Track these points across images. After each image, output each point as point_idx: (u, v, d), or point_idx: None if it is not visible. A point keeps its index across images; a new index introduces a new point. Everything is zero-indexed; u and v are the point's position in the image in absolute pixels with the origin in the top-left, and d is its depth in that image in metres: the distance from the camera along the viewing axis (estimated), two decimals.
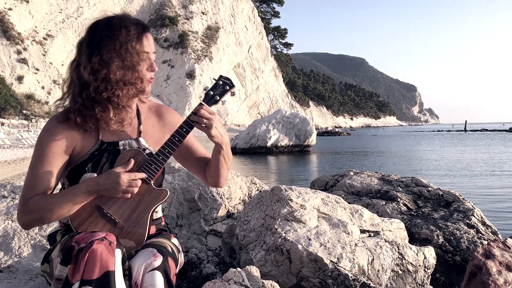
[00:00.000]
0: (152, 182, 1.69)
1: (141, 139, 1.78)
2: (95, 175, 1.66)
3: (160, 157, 1.67)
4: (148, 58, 1.72)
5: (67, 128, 1.68)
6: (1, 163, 18.35)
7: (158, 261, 1.55)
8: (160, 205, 1.87)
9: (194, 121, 1.65)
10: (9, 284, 2.55)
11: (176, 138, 1.68)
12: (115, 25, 1.65)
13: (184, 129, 1.67)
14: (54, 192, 1.69)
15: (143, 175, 1.64)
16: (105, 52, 1.62)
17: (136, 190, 1.62)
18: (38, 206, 1.61)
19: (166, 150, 1.67)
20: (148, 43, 1.71)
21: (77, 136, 1.69)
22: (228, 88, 1.70)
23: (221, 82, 1.70)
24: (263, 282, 2.26)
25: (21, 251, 3.08)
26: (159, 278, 1.52)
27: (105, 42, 1.62)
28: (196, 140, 1.94)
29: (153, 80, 1.78)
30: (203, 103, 1.68)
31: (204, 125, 1.64)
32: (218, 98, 1.69)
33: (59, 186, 1.80)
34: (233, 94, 1.74)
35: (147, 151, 1.73)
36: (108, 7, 78.09)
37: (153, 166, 1.67)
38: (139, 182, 1.63)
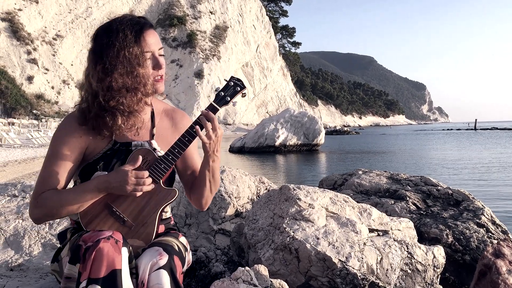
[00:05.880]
0: (161, 181, 1.70)
1: (153, 141, 1.80)
2: (106, 173, 1.68)
3: (170, 157, 1.68)
4: (153, 57, 1.72)
5: (82, 127, 1.71)
6: (12, 162, 18.50)
7: (164, 259, 1.56)
8: (169, 205, 1.88)
9: (200, 123, 1.65)
10: (20, 282, 2.57)
11: (186, 138, 1.68)
12: (113, 31, 1.66)
13: (194, 130, 1.67)
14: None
15: (147, 173, 1.64)
16: (106, 60, 1.63)
17: (145, 188, 1.63)
18: (49, 201, 1.64)
19: (176, 150, 1.68)
20: (149, 42, 1.70)
21: (91, 136, 1.71)
22: (239, 89, 1.70)
23: (232, 83, 1.71)
24: (271, 281, 2.26)
25: (32, 249, 3.11)
26: (165, 277, 1.53)
27: (105, 50, 1.64)
28: (198, 154, 1.93)
29: (163, 78, 1.78)
30: (214, 103, 1.68)
31: (207, 130, 1.65)
32: (228, 99, 1.69)
33: (72, 184, 1.82)
34: (244, 95, 1.73)
35: (158, 153, 1.74)
36: (117, 7, 78.40)
37: (162, 166, 1.68)
38: (148, 181, 1.63)
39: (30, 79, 58.80)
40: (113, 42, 1.64)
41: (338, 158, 28.29)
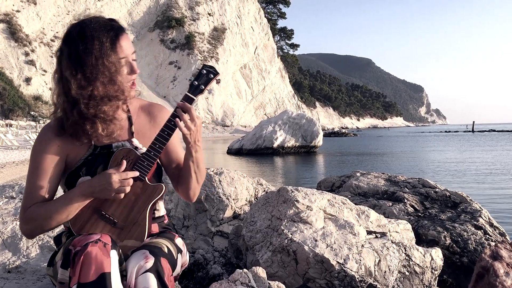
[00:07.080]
0: (147, 178, 1.70)
1: (134, 139, 1.78)
2: (90, 178, 1.67)
3: (152, 153, 1.68)
4: (127, 62, 1.70)
5: (60, 137, 1.69)
6: (9, 164, 18.46)
7: (150, 262, 1.54)
8: (161, 202, 1.88)
9: (178, 115, 1.65)
10: (17, 284, 2.57)
11: (165, 132, 1.68)
12: (87, 37, 1.60)
13: (173, 123, 1.67)
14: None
15: (135, 173, 1.65)
16: (86, 68, 1.60)
17: (128, 189, 1.62)
18: (37, 214, 1.63)
19: (157, 146, 1.68)
20: (124, 47, 1.67)
21: (71, 144, 1.70)
22: (212, 76, 1.70)
23: (204, 71, 1.70)
24: (269, 283, 2.26)
25: (29, 251, 3.10)
26: (151, 279, 1.52)
27: (83, 58, 1.60)
28: (181, 146, 1.92)
29: (135, 83, 1.76)
30: (188, 94, 1.67)
31: (185, 122, 1.65)
32: (203, 87, 1.69)
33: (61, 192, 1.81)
34: (218, 81, 1.73)
35: (140, 151, 1.74)
36: (115, 9, 78.37)
37: (145, 163, 1.68)
38: (131, 181, 1.63)
39: (28, 80, 58.69)
40: (90, 51, 1.60)
41: (336, 160, 28.29)
